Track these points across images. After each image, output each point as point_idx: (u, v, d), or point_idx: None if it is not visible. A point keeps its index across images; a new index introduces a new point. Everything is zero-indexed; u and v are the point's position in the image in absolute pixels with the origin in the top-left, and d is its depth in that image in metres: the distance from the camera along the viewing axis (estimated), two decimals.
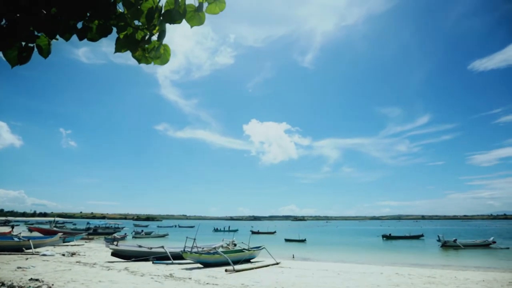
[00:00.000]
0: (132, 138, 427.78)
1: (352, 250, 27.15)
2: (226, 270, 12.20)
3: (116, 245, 16.82)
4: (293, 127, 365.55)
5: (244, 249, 16.84)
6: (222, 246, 20.67)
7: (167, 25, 1.77)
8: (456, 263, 18.53)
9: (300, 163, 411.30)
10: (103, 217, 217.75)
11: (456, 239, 28.05)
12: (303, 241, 35.03)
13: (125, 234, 39.78)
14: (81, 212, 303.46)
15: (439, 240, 28.63)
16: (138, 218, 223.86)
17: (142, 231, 46.97)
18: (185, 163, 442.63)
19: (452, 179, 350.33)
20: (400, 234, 42.30)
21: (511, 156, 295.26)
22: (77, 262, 13.90)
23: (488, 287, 9.53)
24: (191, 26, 1.77)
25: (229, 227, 71.08)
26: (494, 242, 27.94)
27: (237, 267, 12.81)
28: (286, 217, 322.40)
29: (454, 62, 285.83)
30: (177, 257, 15.02)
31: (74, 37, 1.84)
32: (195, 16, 1.73)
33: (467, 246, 27.19)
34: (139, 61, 1.82)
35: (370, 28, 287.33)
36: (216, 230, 63.42)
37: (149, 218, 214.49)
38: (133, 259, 15.12)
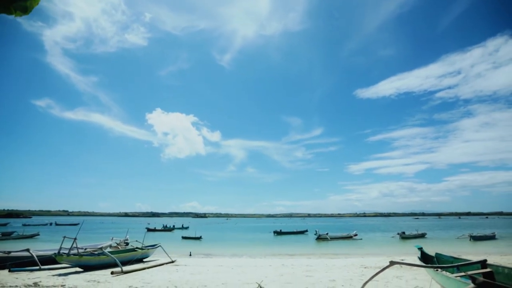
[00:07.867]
0: None
1: (246, 245, 28.99)
2: (112, 273, 10.99)
3: None
4: (201, 121, 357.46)
5: (137, 248, 15.59)
6: (110, 246, 18.54)
7: None
8: (326, 252, 22.41)
9: (207, 160, 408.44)
10: None
11: (328, 233, 33.91)
12: (198, 238, 35.17)
13: None
14: None
15: (316, 234, 33.99)
16: None
17: None
18: (71, 149, 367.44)
19: (334, 183, 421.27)
20: (289, 230, 47.84)
21: (372, 168, 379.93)
22: None
23: (347, 270, 11.92)
24: None
25: (179, 225, 58.24)
26: (356, 235, 35.24)
27: (126, 268, 11.74)
28: (187, 214, 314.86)
29: (344, 87, 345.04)
30: (49, 261, 12.58)
31: None
32: None
33: (335, 238, 33.24)
34: None
35: (285, 42, 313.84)
36: (149, 230, 50.39)
37: (11, 214, 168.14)
38: None
